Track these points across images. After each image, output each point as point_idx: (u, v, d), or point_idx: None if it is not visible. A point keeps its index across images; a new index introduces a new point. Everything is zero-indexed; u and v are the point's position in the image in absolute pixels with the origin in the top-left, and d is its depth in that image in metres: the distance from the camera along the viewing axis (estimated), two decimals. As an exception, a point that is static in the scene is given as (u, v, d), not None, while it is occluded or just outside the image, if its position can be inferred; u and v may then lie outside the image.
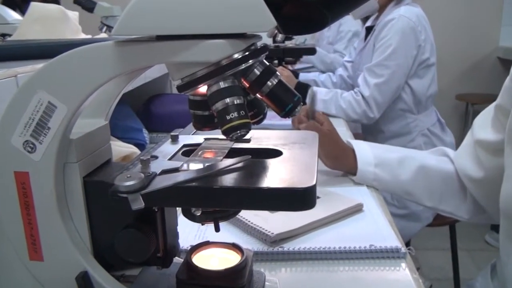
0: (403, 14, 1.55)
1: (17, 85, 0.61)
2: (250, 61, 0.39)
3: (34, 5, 1.09)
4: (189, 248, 0.52)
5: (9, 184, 0.43)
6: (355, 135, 1.49)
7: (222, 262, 0.49)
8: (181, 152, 0.50)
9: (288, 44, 1.71)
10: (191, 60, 0.38)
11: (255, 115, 0.44)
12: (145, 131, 1.20)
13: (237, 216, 0.63)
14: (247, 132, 0.39)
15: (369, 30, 1.76)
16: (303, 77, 1.94)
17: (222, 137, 0.40)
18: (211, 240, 0.52)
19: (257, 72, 0.40)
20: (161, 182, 0.40)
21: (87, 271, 0.45)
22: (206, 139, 0.52)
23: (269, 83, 0.40)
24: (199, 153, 0.48)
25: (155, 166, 0.43)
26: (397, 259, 0.64)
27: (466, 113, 3.25)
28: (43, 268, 0.46)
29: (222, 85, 0.39)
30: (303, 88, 1.66)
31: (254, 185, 0.39)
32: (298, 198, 0.38)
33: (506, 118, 0.71)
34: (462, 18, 3.15)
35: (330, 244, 0.65)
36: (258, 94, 0.41)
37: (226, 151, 0.48)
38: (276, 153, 0.47)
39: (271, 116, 0.47)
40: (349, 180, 0.96)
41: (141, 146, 1.11)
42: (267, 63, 0.41)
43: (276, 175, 0.41)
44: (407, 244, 1.63)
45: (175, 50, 0.38)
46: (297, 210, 0.39)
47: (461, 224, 1.71)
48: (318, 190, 0.39)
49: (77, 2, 1.85)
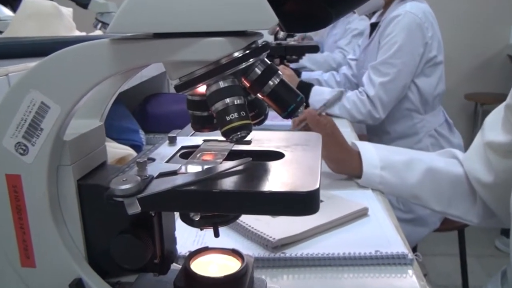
0: (409, 10, 1.55)
1: (8, 84, 0.61)
2: (251, 59, 0.39)
3: (26, 0, 1.09)
4: (187, 254, 0.52)
5: (0, 187, 0.43)
6: (360, 136, 1.49)
7: (222, 268, 0.49)
8: (179, 154, 0.50)
9: (290, 41, 1.71)
10: (190, 58, 0.38)
11: (256, 116, 0.44)
12: (141, 132, 1.20)
13: (237, 220, 0.63)
14: (248, 133, 0.39)
15: (374, 26, 1.76)
16: (306, 76, 1.94)
17: (222, 138, 0.40)
18: (210, 245, 0.52)
19: (258, 71, 0.40)
20: (158, 186, 0.40)
21: (81, 278, 0.45)
22: (205, 141, 0.52)
23: (270, 83, 0.40)
24: (198, 155, 0.48)
25: (152, 169, 0.43)
26: (403, 266, 0.64)
27: (475, 113, 3.25)
28: (36, 275, 0.46)
29: (221, 84, 0.39)
30: (306, 87, 1.66)
31: (255, 188, 0.39)
32: (301, 202, 0.38)
33: None
34: (470, 14, 3.15)
35: (334, 250, 0.65)
36: (259, 94, 0.41)
37: (226, 153, 0.48)
38: (277, 155, 0.47)
39: (273, 116, 0.47)
40: (353, 183, 0.96)
41: (137, 147, 1.11)
42: (269, 62, 0.41)
43: (278, 178, 0.41)
44: (414, 249, 1.63)
45: (173, 48, 0.38)
46: (299, 215, 0.39)
47: (470, 229, 1.71)
48: (321, 194, 0.39)
49: (71, -3, 1.85)
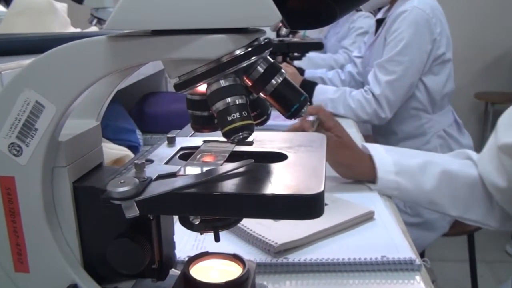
0: (417, 6, 1.55)
1: (1, 83, 0.61)
2: (253, 57, 0.39)
3: (19, -4, 1.09)
4: (186, 259, 0.52)
5: (-7, 189, 0.43)
6: (365, 137, 1.49)
7: (222, 274, 0.49)
8: (178, 155, 0.50)
9: (293, 38, 1.71)
10: (190, 56, 0.38)
11: (258, 116, 0.44)
12: (138, 132, 1.20)
13: (238, 224, 0.63)
14: (250, 134, 0.39)
15: (379, 22, 1.76)
16: (309, 74, 1.94)
17: (223, 139, 0.40)
18: (210, 250, 0.52)
19: (260, 69, 0.40)
20: (157, 188, 0.40)
21: (77, 284, 0.45)
22: (205, 142, 0.52)
23: (273, 82, 0.40)
24: (198, 156, 0.48)
25: (151, 171, 0.43)
26: (411, 272, 0.64)
27: (485, 113, 3.25)
28: (29, 280, 0.46)
29: (222, 83, 0.39)
30: (309, 86, 1.67)
31: (257, 191, 0.39)
32: (305, 206, 0.38)
33: None
34: (481, 10, 3.14)
35: (338, 255, 0.65)
36: (261, 93, 0.41)
37: (227, 155, 0.48)
38: (280, 156, 0.47)
39: (275, 116, 0.47)
40: (359, 185, 0.96)
41: (134, 148, 1.11)
42: (271, 60, 0.41)
43: (280, 181, 0.41)
44: (422, 255, 1.63)
45: (172, 46, 0.38)
46: (303, 219, 0.39)
47: (480, 233, 1.71)
48: (326, 197, 0.39)
49: (65, -8, 1.86)
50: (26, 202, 0.43)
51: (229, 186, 0.40)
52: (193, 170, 0.44)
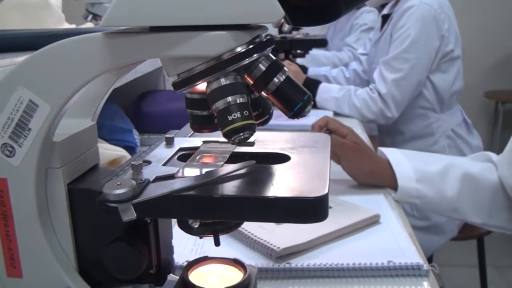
0: (424, 1, 1.55)
1: (-7, 81, 0.61)
2: (255, 55, 0.39)
3: (12, -10, 1.10)
4: (185, 264, 0.52)
5: (-15, 192, 0.44)
6: (371, 138, 1.49)
7: (222, 280, 0.49)
8: (177, 156, 0.50)
9: (296, 35, 1.71)
10: (189, 54, 0.38)
11: (260, 115, 0.44)
12: (135, 132, 1.20)
13: (239, 228, 0.63)
14: (251, 134, 0.39)
15: (385, 18, 1.76)
16: (313, 72, 1.94)
17: (223, 140, 0.40)
18: (210, 255, 0.52)
19: (262, 67, 0.40)
20: (154, 190, 0.40)
21: (72, 290, 0.45)
22: (205, 142, 0.52)
23: (275, 80, 0.40)
24: (197, 157, 0.48)
25: (148, 172, 0.44)
26: (418, 277, 0.64)
27: (496, 112, 3.25)
28: (22, 285, 0.46)
29: (223, 82, 0.39)
30: (313, 84, 1.67)
31: (259, 194, 0.39)
32: (308, 209, 0.38)
33: None
34: (490, 5, 3.14)
35: (343, 260, 0.65)
36: (263, 92, 0.41)
37: (228, 156, 0.48)
38: (283, 158, 0.47)
39: (277, 115, 0.47)
40: (364, 188, 0.96)
41: (131, 149, 1.11)
42: (274, 58, 0.41)
43: (283, 183, 0.41)
44: (430, 260, 1.63)
45: (171, 43, 0.38)
46: (307, 222, 0.39)
47: (490, 237, 1.71)
48: (330, 199, 0.39)
49: (59, -13, 1.86)
50: (19, 204, 0.43)
51: (229, 188, 0.40)
52: (192, 172, 0.44)
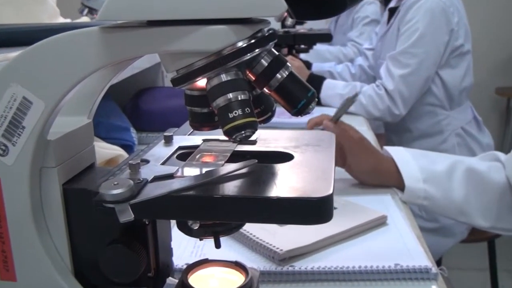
0: (433, -7, 1.55)
1: (-14, 77, 0.61)
2: (257, 50, 0.39)
3: (4, -16, 1.10)
4: (184, 267, 0.52)
5: (-23, 192, 0.44)
6: (377, 136, 1.49)
7: (223, 283, 0.49)
8: (176, 155, 0.50)
9: (299, 29, 1.71)
10: (188, 49, 0.38)
11: (262, 113, 0.44)
12: (132, 130, 1.20)
13: (240, 230, 0.63)
14: (253, 132, 0.39)
15: (392, 11, 1.75)
16: (317, 68, 1.94)
17: (224, 138, 0.40)
18: (210, 257, 0.52)
19: (264, 63, 0.40)
20: (153, 191, 0.40)
21: (67, 293, 0.45)
22: (205, 141, 0.52)
23: (278, 76, 0.40)
24: (197, 156, 0.48)
25: (146, 172, 0.44)
26: (426, 281, 0.64)
27: (507, 109, 3.24)
28: (16, 289, 0.46)
29: (224, 78, 0.39)
30: (317, 80, 1.67)
31: (261, 194, 0.39)
32: (312, 210, 0.38)
33: None
34: (502, 0, 3.13)
35: (348, 263, 0.65)
36: (265, 89, 0.41)
37: (228, 155, 0.48)
38: (286, 156, 0.47)
39: (280, 113, 0.47)
40: (370, 188, 0.95)
41: (128, 147, 1.11)
42: (276, 53, 0.41)
43: (286, 183, 0.41)
44: (438, 263, 1.63)
45: (170, 38, 0.38)
46: (311, 224, 0.39)
47: (501, 240, 1.71)
48: (335, 200, 0.39)
49: (54, -20, 1.86)
50: (12, 205, 0.44)
51: (230, 188, 0.40)
52: (192, 171, 0.44)
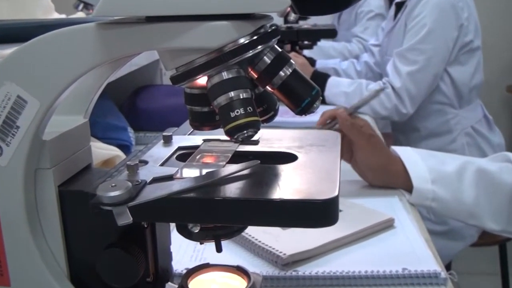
0: (441, -13, 1.55)
1: (-21, 75, 0.61)
2: (259, 46, 0.39)
3: (-2, -22, 1.10)
4: (184, 271, 0.52)
5: (-30, 194, 0.44)
6: (384, 135, 1.48)
7: (225, 288, 0.49)
8: (175, 156, 0.50)
9: (303, 25, 1.71)
10: (188, 46, 0.38)
11: (265, 112, 0.44)
12: (130, 130, 1.20)
13: (242, 233, 0.63)
14: (255, 132, 0.39)
15: (399, 6, 1.75)
16: (321, 65, 1.94)
17: (225, 138, 0.40)
18: (211, 262, 0.52)
19: (267, 60, 0.40)
20: (152, 193, 0.40)
21: (63, 299, 0.45)
22: (205, 141, 0.52)
23: (281, 74, 0.40)
24: (197, 157, 0.48)
25: (145, 173, 0.44)
26: (435, 286, 0.64)
27: (519, 108, 3.23)
28: (10, 294, 0.46)
29: (225, 76, 0.39)
30: (321, 78, 1.66)
31: (263, 196, 0.39)
32: (317, 212, 0.38)
33: None
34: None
35: (354, 267, 0.65)
36: (268, 87, 0.41)
37: (230, 155, 0.48)
38: (290, 157, 0.47)
39: (283, 112, 0.47)
40: (377, 190, 0.95)
41: (125, 148, 1.12)
42: (279, 49, 0.41)
43: (290, 184, 0.41)
44: (448, 267, 1.62)
45: (169, 34, 0.38)
46: (315, 227, 0.39)
47: (512, 243, 1.71)
48: (340, 202, 0.39)
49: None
50: (6, 207, 0.44)
51: (232, 190, 0.40)
52: (192, 173, 0.44)
